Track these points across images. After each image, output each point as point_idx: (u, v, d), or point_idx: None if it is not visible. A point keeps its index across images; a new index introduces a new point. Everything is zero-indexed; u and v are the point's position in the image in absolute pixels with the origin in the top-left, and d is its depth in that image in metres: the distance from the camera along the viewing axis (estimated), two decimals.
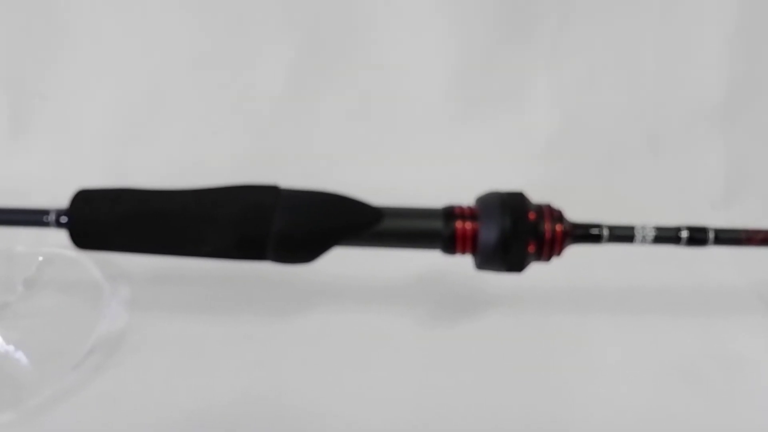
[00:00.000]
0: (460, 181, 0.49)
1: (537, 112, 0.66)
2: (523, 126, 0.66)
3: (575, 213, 0.46)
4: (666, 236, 0.45)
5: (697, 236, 0.46)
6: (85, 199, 0.44)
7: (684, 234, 0.45)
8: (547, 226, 0.43)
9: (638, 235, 0.45)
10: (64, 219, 0.44)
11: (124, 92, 0.66)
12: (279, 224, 0.43)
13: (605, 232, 0.45)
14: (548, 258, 0.44)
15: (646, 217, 0.47)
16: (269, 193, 0.44)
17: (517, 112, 0.66)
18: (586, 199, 0.54)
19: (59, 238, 0.47)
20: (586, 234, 0.45)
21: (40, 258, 0.55)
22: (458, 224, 0.44)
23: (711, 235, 0.46)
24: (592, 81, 0.66)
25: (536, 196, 0.46)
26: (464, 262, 0.46)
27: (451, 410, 0.46)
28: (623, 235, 0.45)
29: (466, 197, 0.46)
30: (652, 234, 0.45)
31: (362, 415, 0.45)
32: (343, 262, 0.48)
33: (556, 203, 0.46)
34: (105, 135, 0.66)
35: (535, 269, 0.46)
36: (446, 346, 0.50)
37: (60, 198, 0.45)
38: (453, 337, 0.51)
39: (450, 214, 0.44)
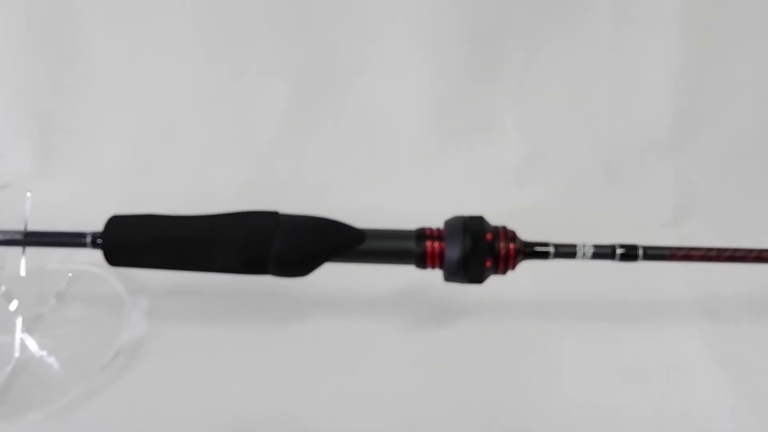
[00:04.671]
0: (437, 206, 0.52)
1: (505, 144, 0.68)
2: (493, 156, 0.69)
3: (539, 234, 0.49)
4: (603, 253, 0.49)
5: (630, 252, 0.49)
6: (116, 224, 0.49)
7: (619, 251, 0.49)
8: (502, 245, 0.48)
9: (579, 252, 0.49)
10: (99, 241, 0.49)
11: (140, 129, 0.68)
12: (277, 246, 0.48)
13: (551, 250, 0.49)
14: (504, 272, 0.49)
15: (603, 236, 0.50)
16: (270, 219, 0.49)
17: (487, 143, 0.68)
18: (550, 221, 0.57)
19: (86, 256, 0.51)
20: (535, 251, 0.49)
21: (70, 274, 0.58)
22: (428, 244, 0.48)
23: (640, 252, 0.49)
24: (554, 115, 0.68)
25: (504, 219, 0.49)
26: (439, 276, 0.49)
27: (428, 406, 0.49)
28: (567, 252, 0.49)
29: (441, 220, 0.50)
30: (591, 251, 0.49)
31: (350, 412, 0.48)
32: (336, 276, 0.51)
33: (522, 226, 0.49)
34: (122, 167, 0.68)
35: (502, 281, 0.49)
36: (425, 351, 0.53)
37: (81, 224, 0.50)
38: (431, 342, 0.53)
39: (421, 235, 0.49)
